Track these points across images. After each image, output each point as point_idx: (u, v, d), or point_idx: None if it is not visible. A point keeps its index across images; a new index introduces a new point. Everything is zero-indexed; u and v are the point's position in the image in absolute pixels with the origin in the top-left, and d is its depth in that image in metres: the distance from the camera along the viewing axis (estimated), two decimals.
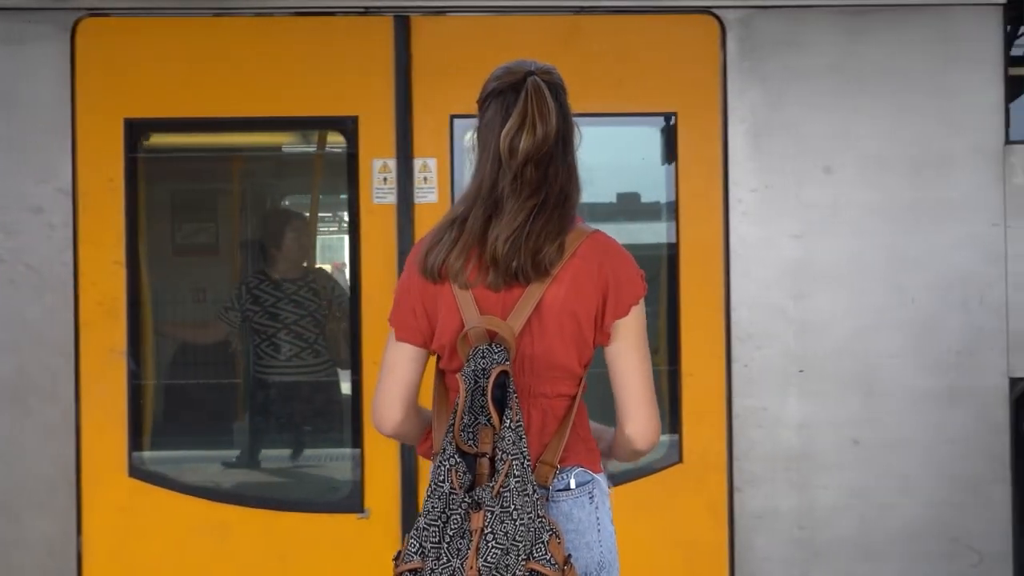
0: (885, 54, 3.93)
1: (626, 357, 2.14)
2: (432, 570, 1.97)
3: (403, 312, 2.17)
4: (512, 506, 1.95)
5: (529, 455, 2.01)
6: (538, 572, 1.97)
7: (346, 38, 3.85)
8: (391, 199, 3.84)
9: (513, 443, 1.98)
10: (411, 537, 2.01)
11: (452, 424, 2.01)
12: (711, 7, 3.90)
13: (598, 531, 2.13)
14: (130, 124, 3.83)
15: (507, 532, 1.94)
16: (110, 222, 3.82)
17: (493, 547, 1.94)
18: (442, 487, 1.98)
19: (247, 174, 4.70)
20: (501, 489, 1.95)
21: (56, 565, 3.82)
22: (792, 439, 3.95)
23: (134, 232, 3.92)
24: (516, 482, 1.96)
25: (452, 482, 1.96)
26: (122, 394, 3.85)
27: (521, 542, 1.96)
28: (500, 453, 1.97)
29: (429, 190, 3.87)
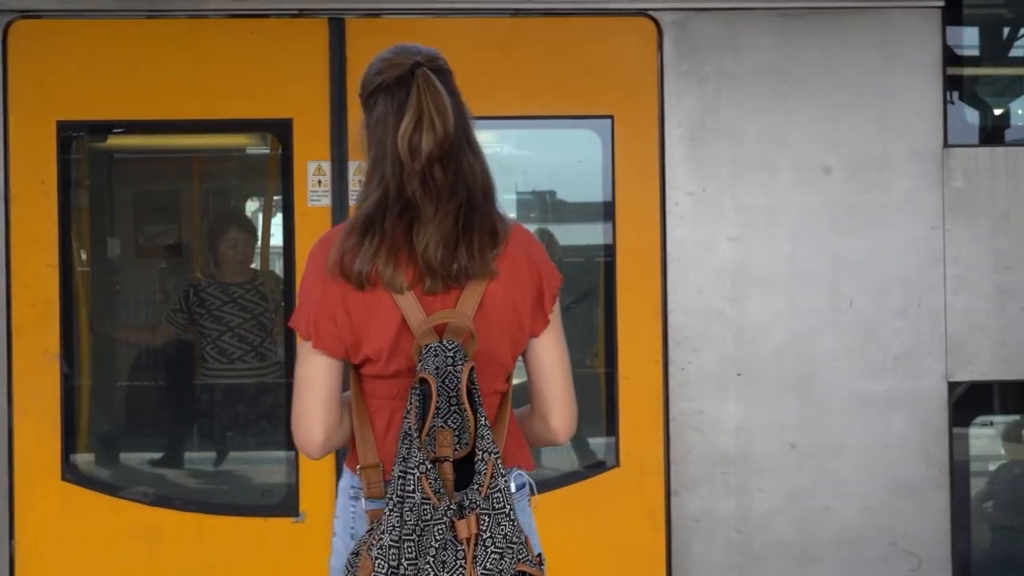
0: (822, 57, 3.92)
1: (553, 350, 2.12)
2: None
3: (321, 319, 2.02)
4: (506, 507, 1.90)
5: None
6: (526, 573, 1.92)
7: (280, 40, 3.83)
8: (326, 201, 3.82)
9: (491, 441, 1.92)
10: (378, 558, 1.87)
11: (410, 430, 1.89)
12: (647, 9, 3.89)
13: (535, 534, 2.09)
14: (62, 126, 3.81)
15: (505, 535, 1.88)
16: (43, 224, 3.79)
17: (492, 552, 1.87)
18: (412, 497, 1.85)
19: (187, 176, 4.68)
20: (490, 491, 1.88)
21: None
22: (729, 443, 3.94)
23: (67, 235, 3.90)
24: (503, 481, 1.91)
25: (424, 491, 1.85)
26: (55, 397, 3.82)
27: (516, 544, 1.90)
28: (480, 453, 1.89)
29: None
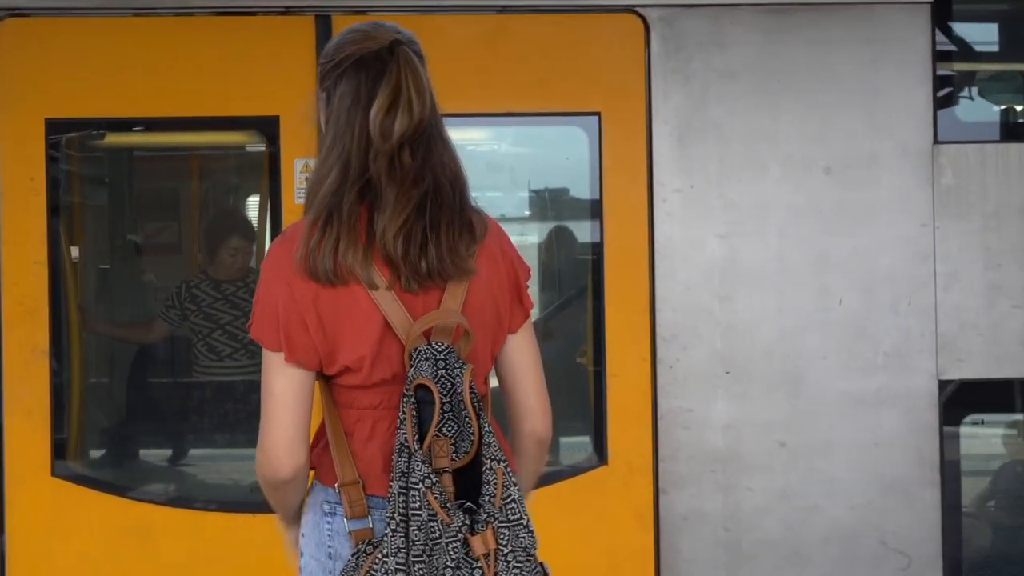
0: (809, 53, 3.90)
1: (528, 347, 2.03)
2: None
3: (291, 327, 1.85)
4: (523, 517, 1.79)
5: None
6: None
7: (267, 38, 3.84)
8: None
9: (498, 448, 1.81)
10: None
11: (407, 442, 1.77)
12: (634, 6, 3.88)
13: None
14: (51, 124, 3.82)
15: (525, 546, 1.78)
16: (32, 222, 3.80)
17: (514, 566, 1.76)
18: (419, 515, 1.72)
19: (180, 174, 4.70)
20: (503, 501, 1.77)
21: None
22: (718, 441, 3.93)
23: (57, 231, 3.91)
24: (516, 490, 1.80)
25: (432, 507, 1.73)
26: (46, 394, 3.82)
27: (535, 554, 1.80)
28: (488, 461, 1.78)
29: None
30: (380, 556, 1.76)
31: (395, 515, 1.74)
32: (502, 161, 4.22)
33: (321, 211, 1.88)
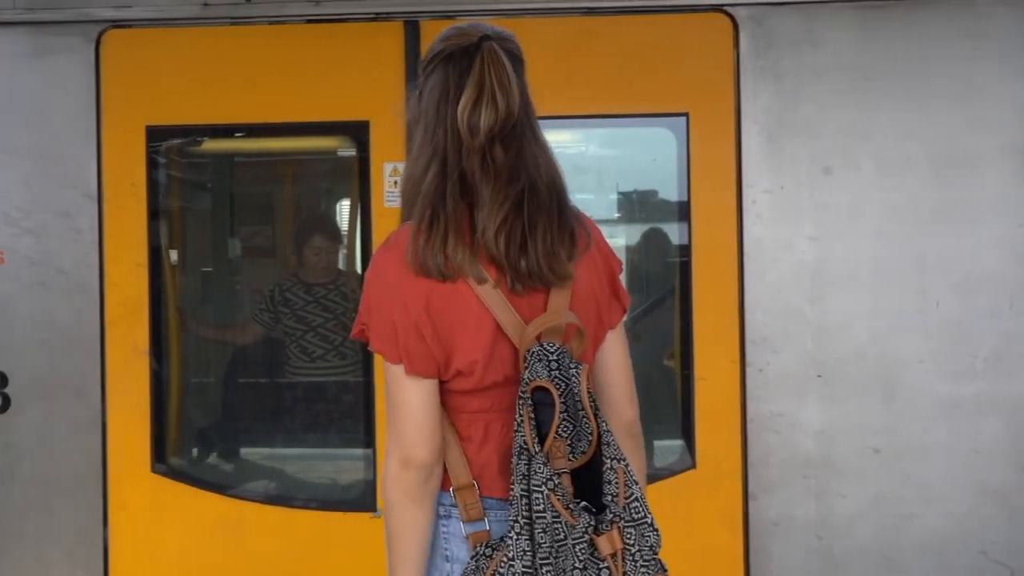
0: (905, 50, 3.80)
1: (620, 345, 2.02)
2: None
3: (409, 340, 1.85)
4: (647, 516, 1.77)
5: None
6: None
7: (358, 44, 3.88)
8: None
9: (618, 447, 1.79)
10: None
11: (525, 444, 1.76)
12: (723, 5, 3.83)
13: None
14: (152, 131, 3.93)
15: (651, 545, 1.76)
16: (133, 226, 3.92)
17: (641, 566, 1.75)
18: (543, 517, 1.71)
19: (276, 178, 4.80)
20: (627, 499, 1.75)
21: (85, 555, 3.95)
22: (809, 445, 3.86)
23: (157, 235, 4.03)
24: (639, 489, 1.78)
25: (556, 509, 1.71)
26: (146, 392, 3.94)
27: (658, 553, 1.78)
28: (609, 461, 1.77)
29: None
30: (505, 559, 1.75)
31: (519, 518, 1.73)
32: (589, 163, 4.21)
33: (425, 210, 1.88)
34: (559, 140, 4.18)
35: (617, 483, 1.75)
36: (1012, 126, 3.79)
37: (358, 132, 3.95)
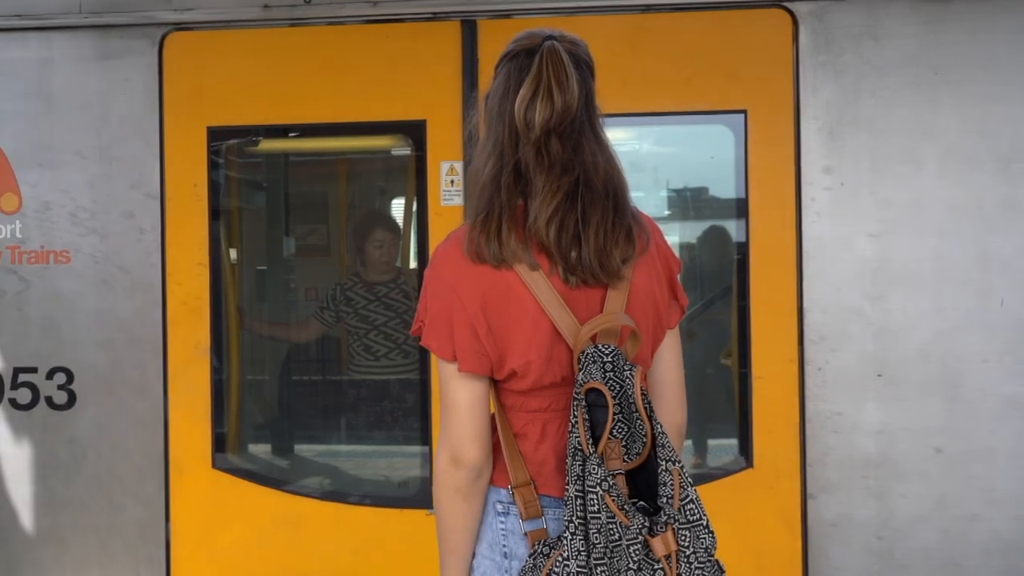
0: (971, 43, 3.73)
1: (675, 344, 2.02)
2: None
3: (463, 337, 1.87)
4: (703, 518, 1.78)
5: None
6: None
7: (415, 43, 3.90)
8: (458, 200, 3.87)
9: (672, 449, 1.79)
10: None
11: (580, 445, 1.75)
12: (782, 0, 3.79)
13: None
14: (213, 132, 3.97)
15: (706, 547, 1.77)
16: (194, 225, 3.97)
17: (696, 568, 1.75)
18: (597, 518, 1.72)
19: (334, 177, 4.83)
20: (682, 501, 1.76)
21: (147, 550, 4.02)
22: (869, 446, 3.80)
23: (218, 234, 4.07)
24: (694, 491, 1.78)
25: (610, 509, 1.72)
26: (206, 389, 3.99)
27: (714, 555, 1.79)
28: (664, 462, 1.77)
29: None
30: (560, 559, 1.75)
31: (573, 518, 1.74)
32: (645, 160, 4.18)
33: (483, 201, 1.92)
34: (616, 138, 4.16)
35: (672, 485, 1.75)
36: None
37: (415, 131, 3.96)
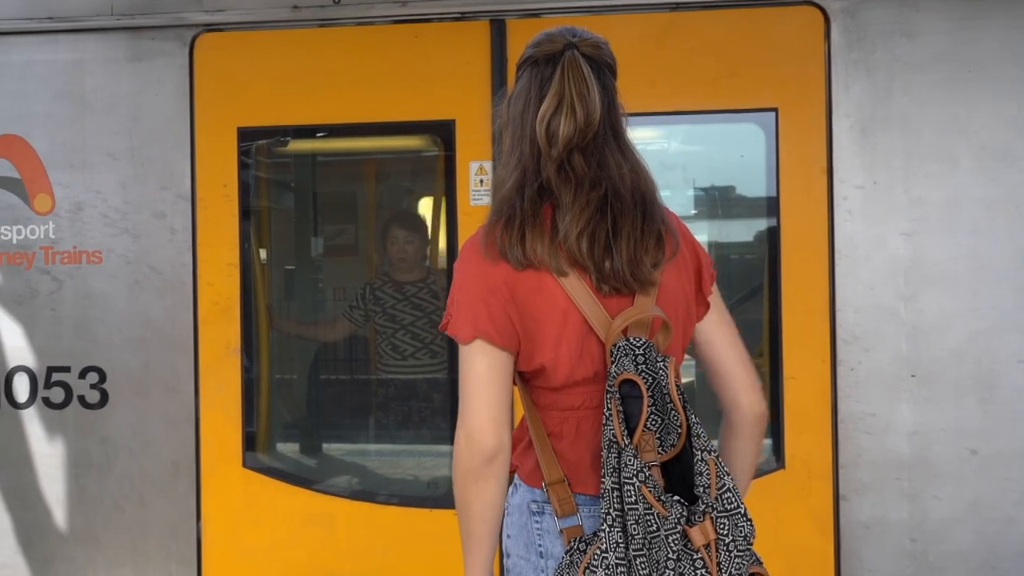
0: (1006, 40, 3.68)
1: (723, 329, 2.00)
2: None
3: (492, 313, 1.85)
4: (740, 506, 1.77)
5: None
6: (757, 575, 1.82)
7: (444, 43, 3.90)
8: (487, 200, 3.86)
9: (707, 439, 1.79)
10: None
11: (615, 438, 1.74)
12: None
13: None
14: (243, 132, 3.99)
15: (745, 535, 1.76)
16: (225, 226, 3.99)
17: (735, 556, 1.75)
18: (635, 509, 1.71)
19: (363, 178, 4.83)
20: (719, 490, 1.75)
21: (178, 548, 4.04)
22: (903, 447, 3.76)
23: (248, 234, 4.09)
24: (730, 480, 1.78)
25: (647, 500, 1.71)
26: (237, 389, 4.01)
27: (752, 543, 1.78)
28: (699, 452, 1.76)
29: None
30: (598, 552, 1.74)
31: (610, 511, 1.73)
32: (673, 159, 4.16)
33: (504, 209, 1.92)
34: (644, 137, 4.14)
35: (708, 474, 1.75)
36: None
37: (444, 131, 3.96)
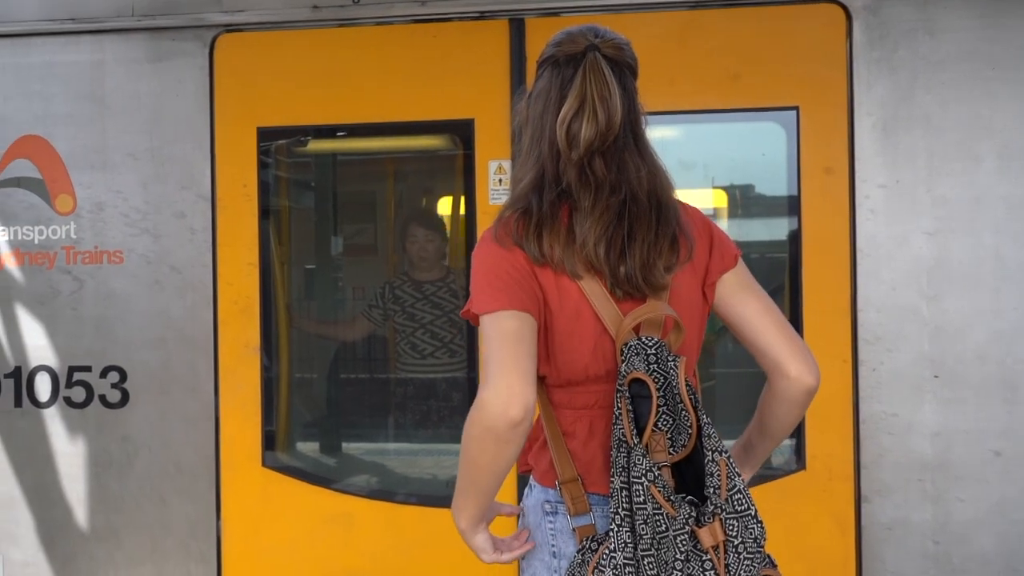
0: None
1: (754, 302, 1.95)
2: None
3: (513, 284, 1.82)
4: (751, 508, 1.75)
5: None
6: None
7: (462, 43, 3.89)
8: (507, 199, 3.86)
9: (719, 439, 1.78)
10: None
11: (624, 437, 1.74)
12: None
13: None
14: (262, 132, 3.99)
15: (755, 537, 1.75)
16: (245, 226, 4.00)
17: (745, 558, 1.73)
18: (644, 509, 1.70)
19: (383, 177, 4.83)
20: (729, 491, 1.74)
21: (198, 547, 4.06)
22: (926, 448, 3.73)
23: (267, 234, 4.09)
24: (741, 481, 1.77)
25: (656, 500, 1.70)
26: (256, 388, 4.02)
27: (763, 546, 1.77)
28: (710, 453, 1.75)
29: None
30: (607, 551, 1.73)
31: (619, 510, 1.72)
32: (696, 159, 4.13)
33: (519, 203, 1.91)
34: (664, 135, 4.13)
35: (719, 475, 1.73)
36: None
37: (463, 130, 3.95)
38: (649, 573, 1.70)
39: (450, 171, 4.54)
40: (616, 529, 1.72)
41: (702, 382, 2.03)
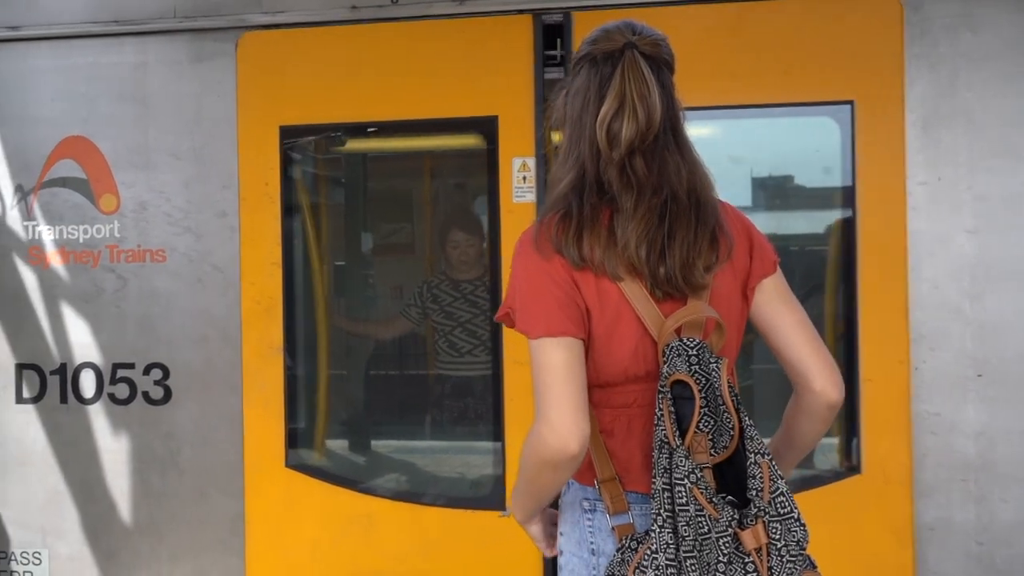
0: None
1: (785, 313, 1.94)
2: None
3: (557, 305, 1.82)
4: (793, 511, 1.74)
5: None
6: None
7: (487, 39, 3.84)
8: (531, 197, 3.81)
9: (761, 442, 1.77)
10: None
11: (666, 438, 1.73)
12: None
13: None
14: (285, 131, 3.97)
15: (798, 540, 1.74)
16: (267, 225, 3.99)
17: (788, 561, 1.73)
18: (686, 511, 1.69)
19: (412, 175, 4.81)
20: (772, 494, 1.72)
21: (237, 544, 4.08)
22: (969, 448, 3.68)
23: (291, 233, 4.08)
24: (784, 483, 1.75)
25: (699, 502, 1.70)
26: (280, 388, 4.00)
27: (806, 548, 1.76)
28: (752, 455, 1.75)
29: None
30: (649, 552, 1.73)
31: (661, 511, 1.72)
32: (744, 152, 4.07)
33: (559, 205, 1.91)
34: (715, 131, 4.07)
35: (761, 477, 1.72)
36: None
37: (487, 127, 3.90)
38: (691, 575, 1.70)
39: (479, 168, 4.50)
40: (658, 530, 1.72)
41: (740, 381, 2.03)
